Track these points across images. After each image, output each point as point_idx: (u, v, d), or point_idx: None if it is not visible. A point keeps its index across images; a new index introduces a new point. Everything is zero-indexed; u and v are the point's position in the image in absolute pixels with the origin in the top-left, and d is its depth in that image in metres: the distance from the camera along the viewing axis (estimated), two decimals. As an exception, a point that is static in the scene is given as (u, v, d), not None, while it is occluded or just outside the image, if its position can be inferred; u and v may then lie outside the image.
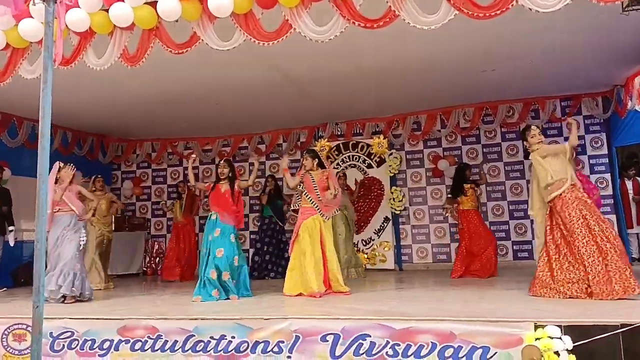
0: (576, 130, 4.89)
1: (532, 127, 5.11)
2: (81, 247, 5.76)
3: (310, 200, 5.62)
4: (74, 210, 5.77)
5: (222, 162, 6.06)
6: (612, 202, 7.80)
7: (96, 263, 7.04)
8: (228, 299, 5.40)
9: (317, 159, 5.80)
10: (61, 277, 5.44)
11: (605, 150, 8.02)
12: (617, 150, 8.28)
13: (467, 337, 3.54)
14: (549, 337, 3.33)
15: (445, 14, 3.66)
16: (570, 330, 3.35)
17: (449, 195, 7.56)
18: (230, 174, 5.90)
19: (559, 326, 3.37)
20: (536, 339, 3.36)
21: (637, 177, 8.10)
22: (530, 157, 5.07)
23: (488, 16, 3.58)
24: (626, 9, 4.33)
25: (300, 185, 5.80)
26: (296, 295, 5.36)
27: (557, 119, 8.07)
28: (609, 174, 7.93)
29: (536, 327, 3.43)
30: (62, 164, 5.88)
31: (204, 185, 6.44)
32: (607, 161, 7.96)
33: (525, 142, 5.17)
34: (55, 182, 5.77)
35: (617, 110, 7.65)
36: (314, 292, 5.25)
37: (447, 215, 8.01)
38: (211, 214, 5.81)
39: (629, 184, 8.06)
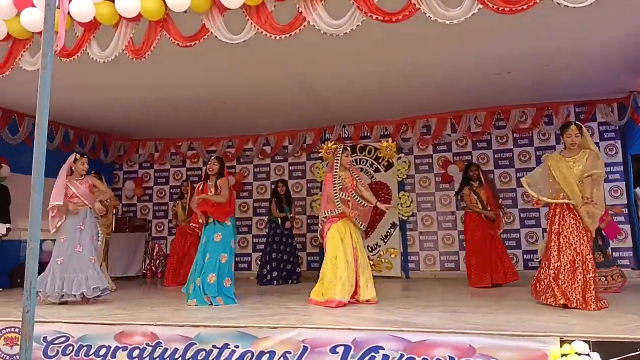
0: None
1: (571, 127, 4.72)
2: (99, 243, 5.60)
3: (338, 204, 5.11)
4: (87, 204, 5.58)
5: (212, 158, 5.79)
6: (627, 211, 7.58)
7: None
8: (211, 304, 5.18)
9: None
10: (80, 277, 5.31)
11: (619, 158, 7.78)
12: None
13: (487, 351, 3.33)
14: (577, 353, 3.13)
15: (469, 8, 3.45)
16: (598, 346, 3.15)
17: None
18: (219, 171, 5.67)
19: (587, 342, 3.16)
20: (562, 355, 3.15)
21: (651, 185, 7.86)
22: None
23: (514, 11, 3.37)
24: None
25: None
26: (322, 303, 4.94)
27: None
28: (624, 182, 7.71)
29: (562, 342, 3.22)
30: (78, 155, 5.64)
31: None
32: (622, 169, 7.73)
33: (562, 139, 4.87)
34: (71, 174, 5.57)
35: (633, 117, 7.46)
36: (336, 300, 4.84)
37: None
38: (208, 218, 5.56)
39: (643, 193, 7.82)
